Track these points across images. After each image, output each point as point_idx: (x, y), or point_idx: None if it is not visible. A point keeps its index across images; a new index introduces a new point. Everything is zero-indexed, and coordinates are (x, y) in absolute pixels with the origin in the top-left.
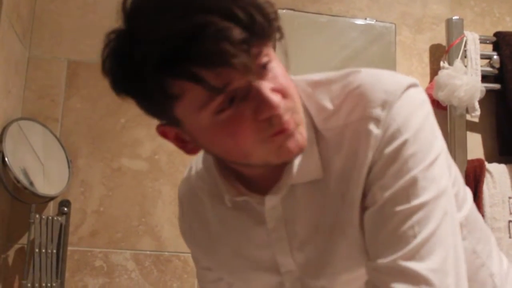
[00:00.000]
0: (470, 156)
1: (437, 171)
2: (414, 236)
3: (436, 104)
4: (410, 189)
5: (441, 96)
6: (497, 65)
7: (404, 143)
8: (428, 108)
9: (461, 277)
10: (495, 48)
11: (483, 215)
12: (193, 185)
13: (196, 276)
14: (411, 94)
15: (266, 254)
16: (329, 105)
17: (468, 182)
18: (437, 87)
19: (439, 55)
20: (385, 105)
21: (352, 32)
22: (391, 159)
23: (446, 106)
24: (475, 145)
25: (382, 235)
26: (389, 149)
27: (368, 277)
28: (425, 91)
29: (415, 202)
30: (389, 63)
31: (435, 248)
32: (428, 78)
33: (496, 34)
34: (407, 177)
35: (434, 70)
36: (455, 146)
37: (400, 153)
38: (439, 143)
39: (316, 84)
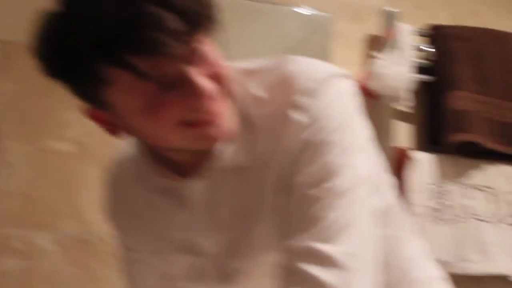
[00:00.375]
0: (398, 145)
1: (356, 159)
2: (325, 219)
3: (368, 93)
4: (324, 173)
5: (372, 85)
6: (432, 58)
7: (325, 131)
8: (354, 98)
9: (370, 261)
10: (430, 41)
11: (404, 201)
12: (121, 169)
13: (119, 259)
14: (339, 84)
15: (188, 236)
16: (259, 93)
17: (392, 169)
18: (369, 76)
19: (375, 45)
20: (312, 93)
21: (290, 21)
22: (311, 146)
23: (377, 95)
24: (404, 135)
25: (295, 217)
26: (309, 136)
27: (281, 258)
28: (358, 80)
29: (328, 185)
30: (326, 53)
31: (344, 231)
32: (363, 68)
33: (432, 27)
34: (322, 162)
35: (369, 60)
36: (383, 135)
37: (320, 140)
38: (362, 132)
39: (247, 72)
